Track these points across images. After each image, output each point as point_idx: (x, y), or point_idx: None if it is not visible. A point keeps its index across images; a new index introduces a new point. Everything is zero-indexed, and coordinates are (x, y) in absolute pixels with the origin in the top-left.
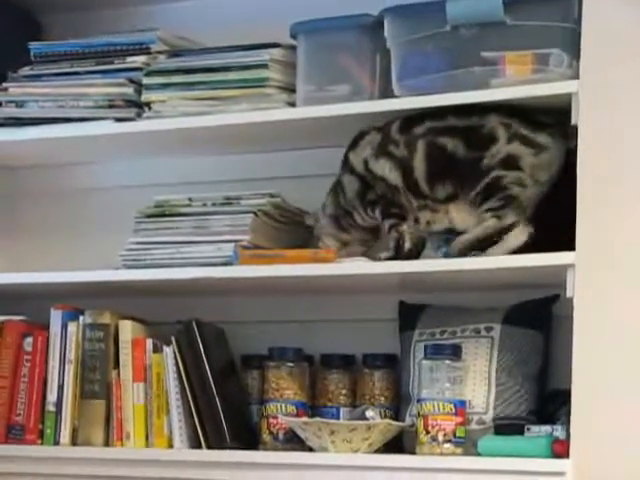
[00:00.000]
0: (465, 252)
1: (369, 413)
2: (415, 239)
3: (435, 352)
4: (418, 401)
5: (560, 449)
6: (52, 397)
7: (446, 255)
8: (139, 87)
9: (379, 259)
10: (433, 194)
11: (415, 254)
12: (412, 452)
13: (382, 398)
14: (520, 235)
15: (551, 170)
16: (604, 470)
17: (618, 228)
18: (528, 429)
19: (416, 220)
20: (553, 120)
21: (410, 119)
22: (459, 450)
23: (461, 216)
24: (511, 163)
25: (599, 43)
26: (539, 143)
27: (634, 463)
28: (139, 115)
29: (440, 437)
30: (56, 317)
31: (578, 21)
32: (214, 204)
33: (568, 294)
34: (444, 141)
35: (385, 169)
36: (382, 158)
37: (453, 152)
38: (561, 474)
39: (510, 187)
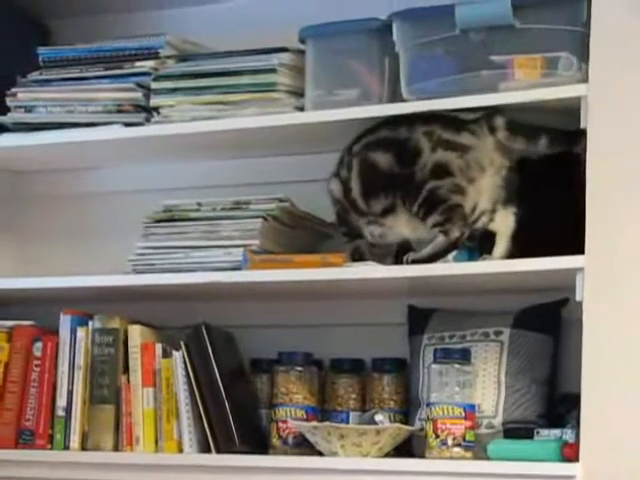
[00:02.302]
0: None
1: (378, 417)
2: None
3: (444, 356)
4: (427, 405)
5: (570, 453)
6: (62, 402)
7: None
8: (148, 92)
9: (406, 261)
10: (370, 209)
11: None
12: (422, 456)
13: (391, 402)
14: (506, 220)
15: (482, 165)
16: (614, 474)
17: (628, 231)
18: (538, 433)
19: (371, 235)
20: (477, 115)
21: (356, 137)
22: (469, 454)
23: (406, 227)
24: (441, 171)
25: (608, 46)
26: (462, 144)
27: None
28: (148, 120)
29: (450, 441)
30: (65, 322)
31: (587, 24)
32: (223, 209)
33: (577, 298)
34: (374, 156)
35: (336, 191)
36: (334, 180)
37: (384, 167)
38: (571, 477)
39: (449, 197)
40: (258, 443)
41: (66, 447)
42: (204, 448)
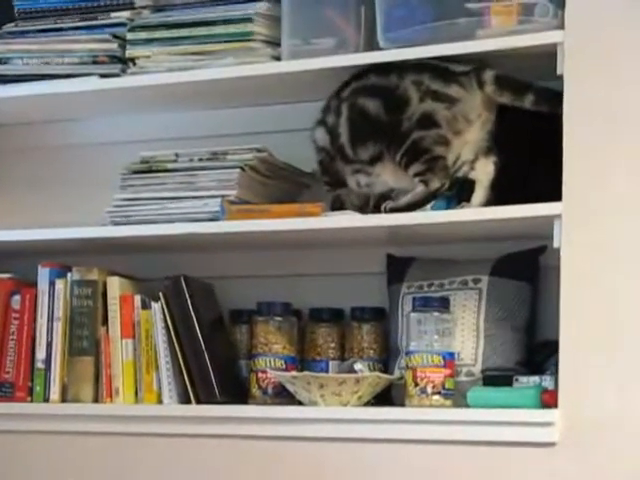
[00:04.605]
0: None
1: (358, 366)
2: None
3: (423, 304)
4: (407, 354)
5: (549, 399)
6: (41, 354)
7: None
8: (123, 43)
9: (384, 210)
10: (357, 157)
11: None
12: (401, 405)
13: (371, 351)
14: (486, 168)
15: (469, 119)
16: (592, 420)
17: (605, 178)
18: (517, 380)
19: (357, 184)
20: (467, 68)
21: (344, 83)
22: (448, 402)
23: (391, 176)
24: (428, 121)
25: None
26: (450, 96)
27: (622, 412)
28: (124, 71)
29: (429, 389)
30: (43, 274)
31: None
32: (201, 159)
33: (555, 245)
34: (364, 102)
35: (320, 139)
36: (320, 127)
37: (373, 114)
38: (550, 424)
39: (433, 148)
40: (238, 394)
41: (46, 399)
42: (184, 399)
